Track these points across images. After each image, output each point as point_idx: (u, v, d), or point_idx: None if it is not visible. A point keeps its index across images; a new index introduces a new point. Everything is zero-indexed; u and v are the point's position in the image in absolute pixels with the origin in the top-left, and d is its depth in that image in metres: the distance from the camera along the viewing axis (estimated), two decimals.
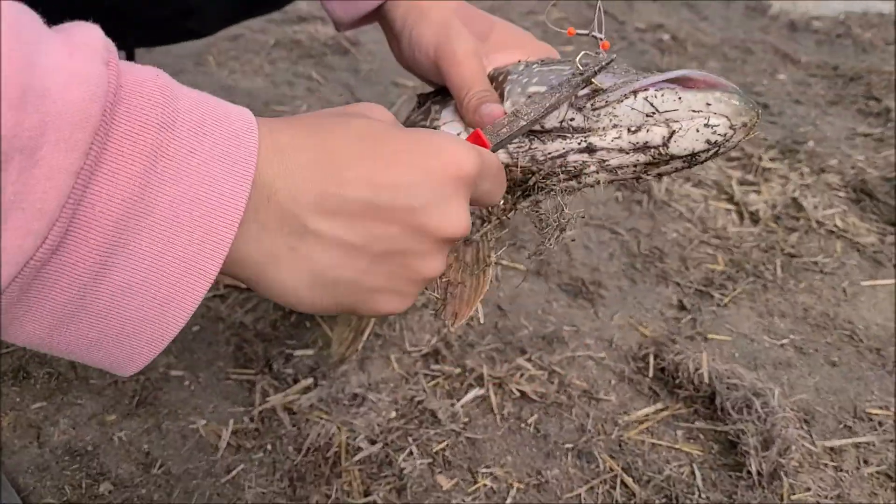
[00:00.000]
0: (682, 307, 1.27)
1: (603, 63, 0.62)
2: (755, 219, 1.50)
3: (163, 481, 0.93)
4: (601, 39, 0.63)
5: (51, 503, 0.90)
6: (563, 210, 0.68)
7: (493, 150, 0.62)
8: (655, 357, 1.15)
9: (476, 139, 0.60)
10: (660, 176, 0.67)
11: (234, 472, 0.95)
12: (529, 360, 1.13)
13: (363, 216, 0.41)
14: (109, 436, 0.99)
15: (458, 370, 1.10)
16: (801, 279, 1.35)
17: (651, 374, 1.13)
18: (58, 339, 0.33)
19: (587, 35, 0.64)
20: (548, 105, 0.62)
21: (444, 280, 1.01)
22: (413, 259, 0.44)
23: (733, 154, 1.70)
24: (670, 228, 1.46)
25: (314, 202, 0.39)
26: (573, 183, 0.68)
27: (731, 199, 1.55)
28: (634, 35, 2.45)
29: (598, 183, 0.67)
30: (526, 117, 0.62)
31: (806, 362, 1.18)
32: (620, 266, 1.36)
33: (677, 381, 1.10)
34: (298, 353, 1.10)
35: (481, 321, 1.18)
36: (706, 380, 1.08)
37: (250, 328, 1.15)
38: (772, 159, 1.69)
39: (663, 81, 0.62)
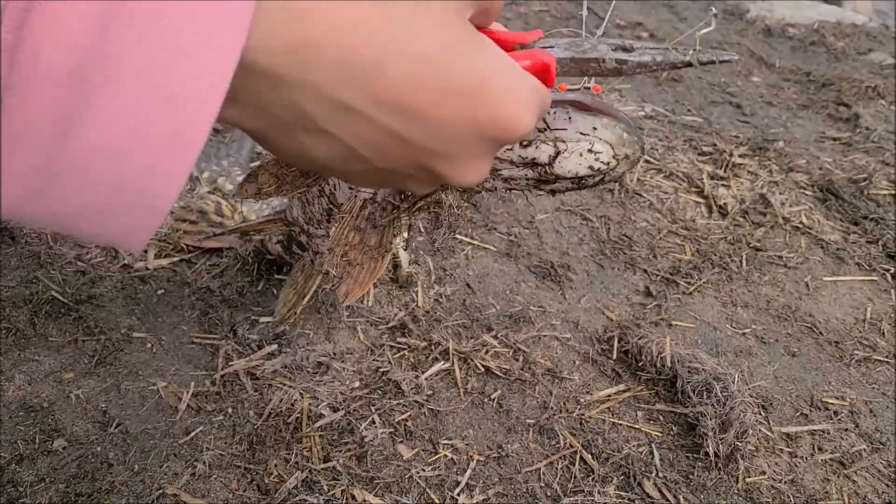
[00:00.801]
0: (648, 293, 1.29)
1: (717, 59, 0.56)
2: (723, 212, 1.52)
3: (119, 440, 0.92)
4: (589, 87, 0.59)
5: (2, 457, 0.88)
6: (457, 211, 0.67)
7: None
8: (620, 340, 1.16)
9: (541, 71, 0.48)
10: (553, 193, 0.65)
11: (192, 434, 0.94)
12: (495, 337, 1.13)
13: (383, 139, 0.37)
14: (66, 393, 0.97)
15: (423, 343, 1.10)
16: (766, 272, 1.37)
17: (615, 356, 1.14)
18: (40, 208, 0.30)
19: (578, 89, 0.60)
20: (637, 70, 0.54)
21: (344, 259, 1.02)
22: (409, 182, 0.42)
23: (705, 148, 1.72)
24: (640, 217, 1.48)
25: (334, 107, 0.35)
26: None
27: (700, 192, 1.57)
28: (614, 31, 2.47)
29: (496, 189, 0.66)
30: (606, 70, 0.54)
31: (766, 351, 1.20)
32: (590, 251, 1.37)
33: (640, 364, 1.11)
34: (264, 319, 1.09)
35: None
36: (668, 363, 1.09)
37: (216, 293, 1.14)
38: (742, 156, 1.71)
39: (560, 100, 0.60)
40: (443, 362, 1.08)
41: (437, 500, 0.90)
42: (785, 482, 0.99)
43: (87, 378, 0.99)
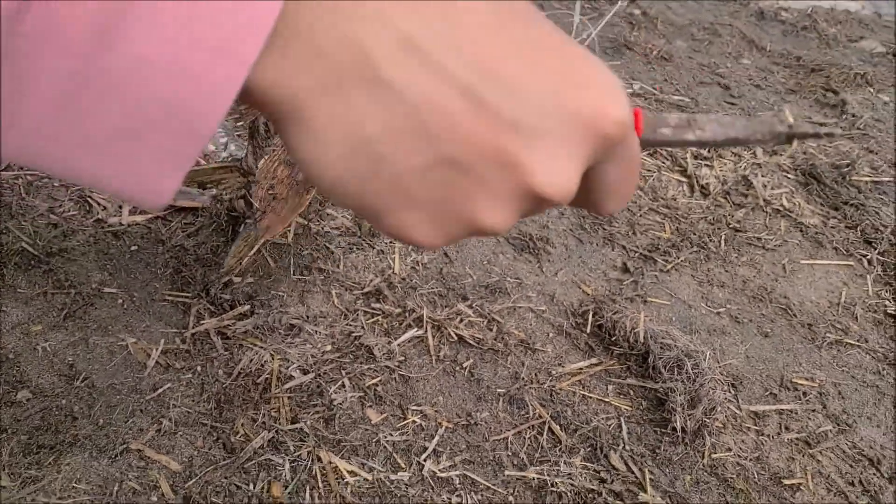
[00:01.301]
0: (625, 269, 1.29)
1: (820, 132, 0.52)
2: (705, 192, 1.51)
3: (85, 394, 0.91)
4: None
5: None
6: None
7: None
8: (594, 314, 1.16)
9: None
10: None
11: (159, 391, 0.93)
12: (470, 306, 1.13)
13: (453, 100, 0.30)
14: (33, 346, 0.96)
15: (398, 310, 1.09)
16: (744, 253, 1.37)
17: (588, 330, 1.14)
18: (68, 126, 0.28)
19: None
20: (733, 136, 0.47)
21: (269, 193, 1.02)
22: (479, 195, 0.32)
23: None
24: None
25: (401, 45, 0.29)
26: None
27: (683, 172, 1.57)
28: (606, 8, 2.45)
29: None
30: (699, 133, 0.47)
31: (739, 331, 1.20)
32: (569, 225, 1.37)
33: (613, 339, 1.11)
34: (237, 279, 1.08)
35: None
36: (641, 339, 1.10)
37: (190, 252, 1.13)
38: None
39: None
40: (416, 329, 1.07)
41: (403, 465, 0.90)
42: (750, 459, 1.00)
43: (56, 331, 0.98)
